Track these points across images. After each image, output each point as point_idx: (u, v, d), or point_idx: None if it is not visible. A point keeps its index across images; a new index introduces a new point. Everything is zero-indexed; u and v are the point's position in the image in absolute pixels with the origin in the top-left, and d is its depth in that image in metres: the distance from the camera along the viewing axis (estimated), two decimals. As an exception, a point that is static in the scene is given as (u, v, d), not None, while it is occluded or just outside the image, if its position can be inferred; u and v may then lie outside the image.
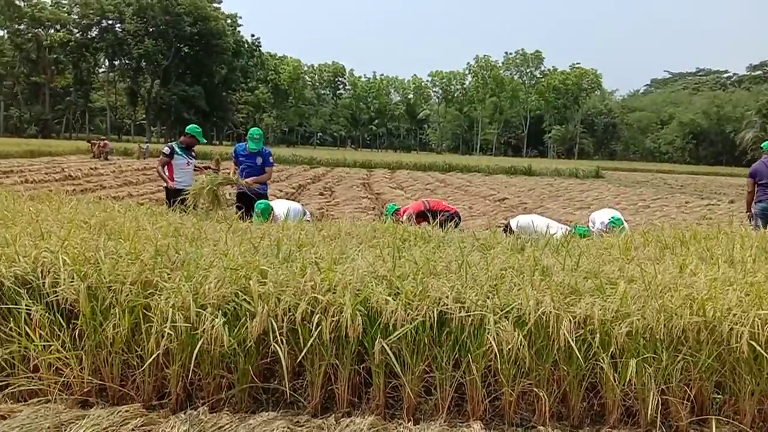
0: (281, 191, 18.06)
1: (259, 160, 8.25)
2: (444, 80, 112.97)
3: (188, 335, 3.14)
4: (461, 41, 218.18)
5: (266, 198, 8.19)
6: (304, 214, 7.67)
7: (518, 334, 3.25)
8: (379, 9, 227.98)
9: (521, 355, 3.29)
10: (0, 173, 19.44)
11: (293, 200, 15.20)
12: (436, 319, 3.28)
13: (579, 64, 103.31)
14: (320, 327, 3.21)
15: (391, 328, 3.30)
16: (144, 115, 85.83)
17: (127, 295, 3.22)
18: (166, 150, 8.31)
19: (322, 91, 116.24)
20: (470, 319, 3.31)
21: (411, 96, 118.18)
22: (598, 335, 3.27)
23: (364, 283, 3.48)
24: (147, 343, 3.16)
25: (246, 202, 7.87)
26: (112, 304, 3.23)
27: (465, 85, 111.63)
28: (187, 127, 8.59)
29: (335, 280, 3.45)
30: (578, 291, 3.60)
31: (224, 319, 3.14)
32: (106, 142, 34.34)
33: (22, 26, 75.84)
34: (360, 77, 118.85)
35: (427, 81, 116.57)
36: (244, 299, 3.28)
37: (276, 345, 3.15)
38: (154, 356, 3.11)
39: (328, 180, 25.97)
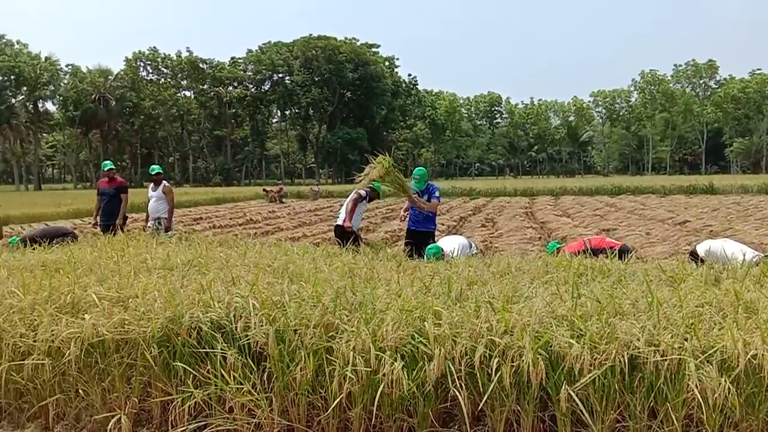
0: (443, 224, 18.14)
1: (426, 197, 8.32)
2: (608, 99, 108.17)
3: (369, 378, 3.17)
4: (623, 59, 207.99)
5: (434, 236, 8.22)
6: (470, 246, 7.59)
7: (725, 381, 2.89)
8: (532, 34, 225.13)
9: (729, 404, 2.92)
10: (191, 220, 21.59)
11: (456, 234, 15.17)
12: (626, 363, 3.02)
13: (760, 70, 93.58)
14: (500, 372, 3.09)
15: (576, 373, 3.10)
16: (313, 159, 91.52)
17: (311, 337, 3.34)
18: (363, 192, 8.60)
19: (479, 122, 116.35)
20: (666, 364, 3.01)
21: (572, 118, 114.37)
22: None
23: (543, 324, 3.31)
24: (330, 385, 3.24)
25: (416, 240, 7.93)
26: (297, 347, 3.37)
27: (631, 103, 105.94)
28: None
29: (512, 322, 3.33)
30: (796, 331, 3.14)
31: (402, 363, 3.14)
32: (281, 186, 36.97)
33: (205, 86, 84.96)
34: (517, 104, 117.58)
35: (589, 102, 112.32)
36: (420, 341, 3.26)
37: (455, 389, 3.08)
38: (338, 399, 3.18)
39: (489, 210, 25.67)
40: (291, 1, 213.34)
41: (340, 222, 8.49)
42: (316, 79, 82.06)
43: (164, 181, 9.93)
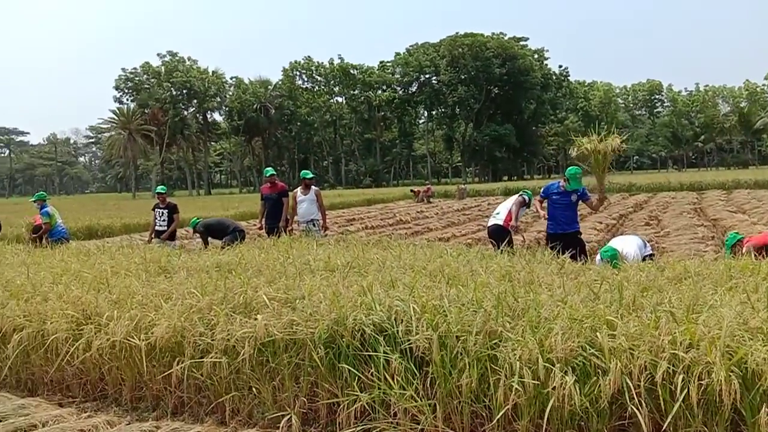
0: (600, 223, 17.20)
1: (574, 197, 7.92)
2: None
3: (536, 391, 3.02)
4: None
5: (580, 236, 7.81)
6: (645, 245, 7.02)
7: None
8: (695, 15, 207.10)
9: None
10: (345, 221, 22.37)
11: (618, 234, 14.30)
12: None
13: None
14: (686, 391, 2.80)
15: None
16: (459, 158, 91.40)
17: (474, 344, 3.25)
18: (526, 198, 8.46)
19: (637, 112, 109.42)
20: None
21: (744, 104, 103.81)
22: None
23: (735, 338, 2.95)
24: (495, 394, 3.12)
25: (562, 242, 7.40)
26: (459, 354, 3.29)
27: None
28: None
29: (698, 334, 3.00)
30: None
31: (574, 376, 2.94)
32: (429, 186, 37.26)
33: (356, 91, 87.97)
34: (680, 92, 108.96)
35: (764, 85, 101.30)
36: (593, 354, 3.04)
37: (634, 407, 2.84)
38: (503, 411, 3.05)
39: (653, 207, 23.95)
40: (437, 2, 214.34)
41: (499, 222, 8.28)
42: (463, 77, 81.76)
43: (313, 186, 10.31)
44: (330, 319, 3.69)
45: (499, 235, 7.98)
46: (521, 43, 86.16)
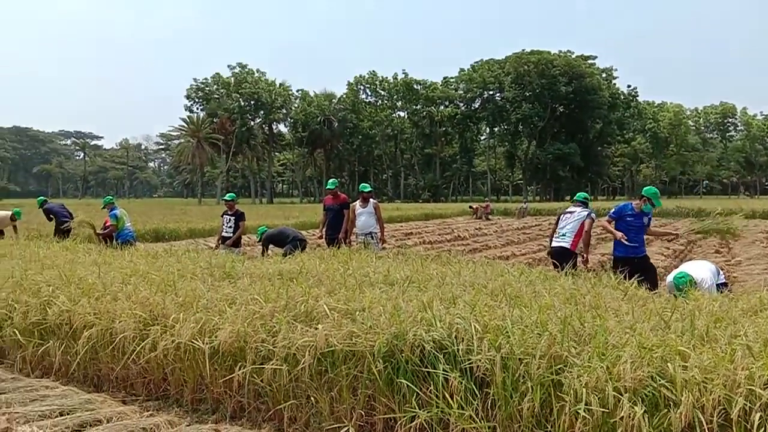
0: (668, 248, 16.60)
1: (646, 220, 7.70)
2: None
3: (603, 419, 2.91)
4: None
5: (648, 260, 7.54)
6: (718, 273, 6.68)
7: None
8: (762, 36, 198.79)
9: None
10: (403, 235, 22.38)
11: (687, 260, 13.75)
12: None
13: None
14: (763, 429, 2.65)
15: None
16: (521, 176, 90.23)
17: (537, 368, 3.17)
18: (594, 216, 8.26)
19: (708, 135, 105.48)
20: None
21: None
22: None
23: (822, 377, 2.78)
24: (558, 421, 3.03)
25: (631, 267, 7.13)
26: (521, 377, 3.22)
27: None
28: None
29: (779, 371, 2.84)
30: None
31: (643, 407, 2.83)
32: (488, 203, 36.92)
33: (418, 106, 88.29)
34: (755, 115, 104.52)
35: None
36: (663, 384, 2.92)
37: (707, 444, 2.70)
38: (568, 439, 2.96)
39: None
40: (504, 17, 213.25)
41: (566, 244, 8.04)
42: (527, 94, 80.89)
43: (371, 199, 10.39)
44: (390, 332, 3.68)
45: (565, 257, 7.75)
46: (589, 61, 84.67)
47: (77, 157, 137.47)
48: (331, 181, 11.25)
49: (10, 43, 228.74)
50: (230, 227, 11.18)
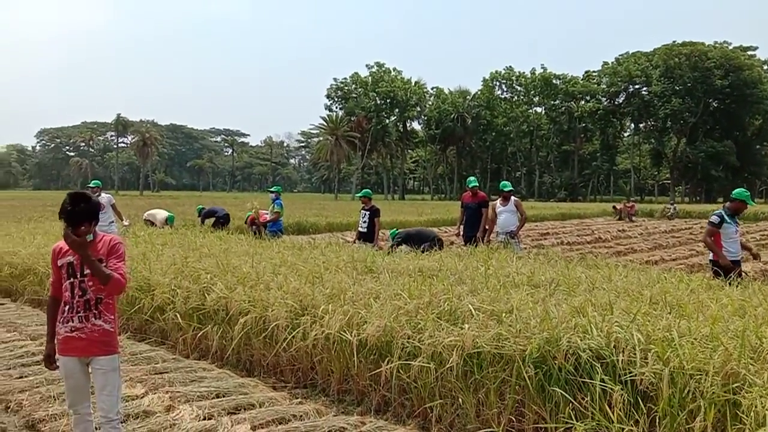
0: None
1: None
2: None
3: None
4: None
5: None
6: None
7: None
8: None
9: None
10: (539, 235, 21.71)
11: None
12: None
13: None
14: None
15: None
16: (668, 175, 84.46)
17: (710, 385, 2.89)
18: (715, 219, 7.51)
19: None
20: None
21: None
22: None
23: None
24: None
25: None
26: (691, 393, 2.95)
27: None
28: (734, 192, 7.68)
29: None
30: None
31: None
32: (633, 203, 34.88)
33: (556, 101, 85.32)
34: None
35: None
36: None
37: None
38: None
39: None
40: (652, 7, 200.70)
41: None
42: (678, 88, 75.32)
43: (512, 197, 10.13)
44: (541, 337, 3.53)
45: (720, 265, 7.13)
46: (748, 53, 77.28)
47: (226, 153, 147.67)
48: (471, 178, 11.10)
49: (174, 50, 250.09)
50: (365, 222, 11.40)
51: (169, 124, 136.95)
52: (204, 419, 4.02)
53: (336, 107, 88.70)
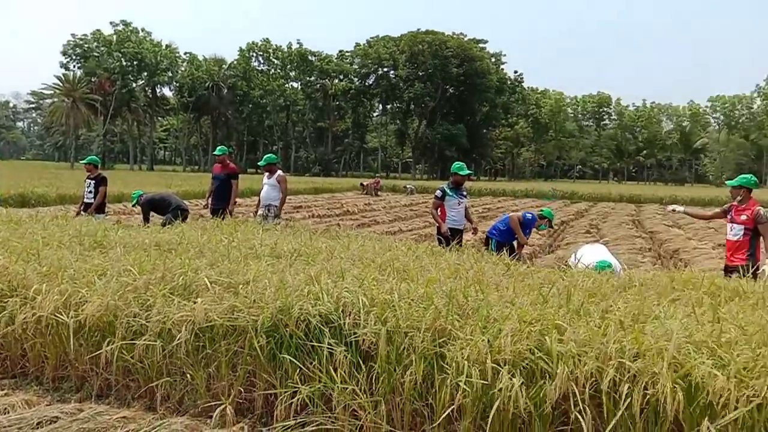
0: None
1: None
2: (727, 105, 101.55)
3: (482, 391, 2.96)
4: (747, 63, 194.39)
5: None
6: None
7: None
8: (650, 34, 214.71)
9: None
10: (292, 208, 22.07)
11: (560, 239, 14.52)
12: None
13: None
14: (630, 399, 2.79)
15: (716, 406, 2.76)
16: (410, 154, 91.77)
17: (422, 341, 3.17)
18: (438, 193, 8.52)
19: (585, 123, 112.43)
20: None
21: (686, 123, 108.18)
22: None
23: (681, 350, 2.97)
24: (439, 393, 3.05)
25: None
26: (406, 350, 3.21)
27: (753, 110, 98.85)
28: (453, 166, 8.70)
29: (645, 344, 3.00)
30: None
31: (521, 379, 2.90)
32: (378, 179, 37.24)
33: (312, 78, 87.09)
34: (627, 106, 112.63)
35: (706, 107, 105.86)
36: (540, 357, 3.01)
37: (578, 414, 2.81)
38: (448, 410, 2.99)
39: (593, 216, 24.60)
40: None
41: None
42: (420, 73, 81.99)
43: (279, 171, 9.94)
44: (274, 306, 3.54)
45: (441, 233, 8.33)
46: (480, 45, 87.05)
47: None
48: (219, 147, 10.67)
49: None
50: (90, 192, 10.45)
51: None
52: None
53: (74, 66, 79.59)
